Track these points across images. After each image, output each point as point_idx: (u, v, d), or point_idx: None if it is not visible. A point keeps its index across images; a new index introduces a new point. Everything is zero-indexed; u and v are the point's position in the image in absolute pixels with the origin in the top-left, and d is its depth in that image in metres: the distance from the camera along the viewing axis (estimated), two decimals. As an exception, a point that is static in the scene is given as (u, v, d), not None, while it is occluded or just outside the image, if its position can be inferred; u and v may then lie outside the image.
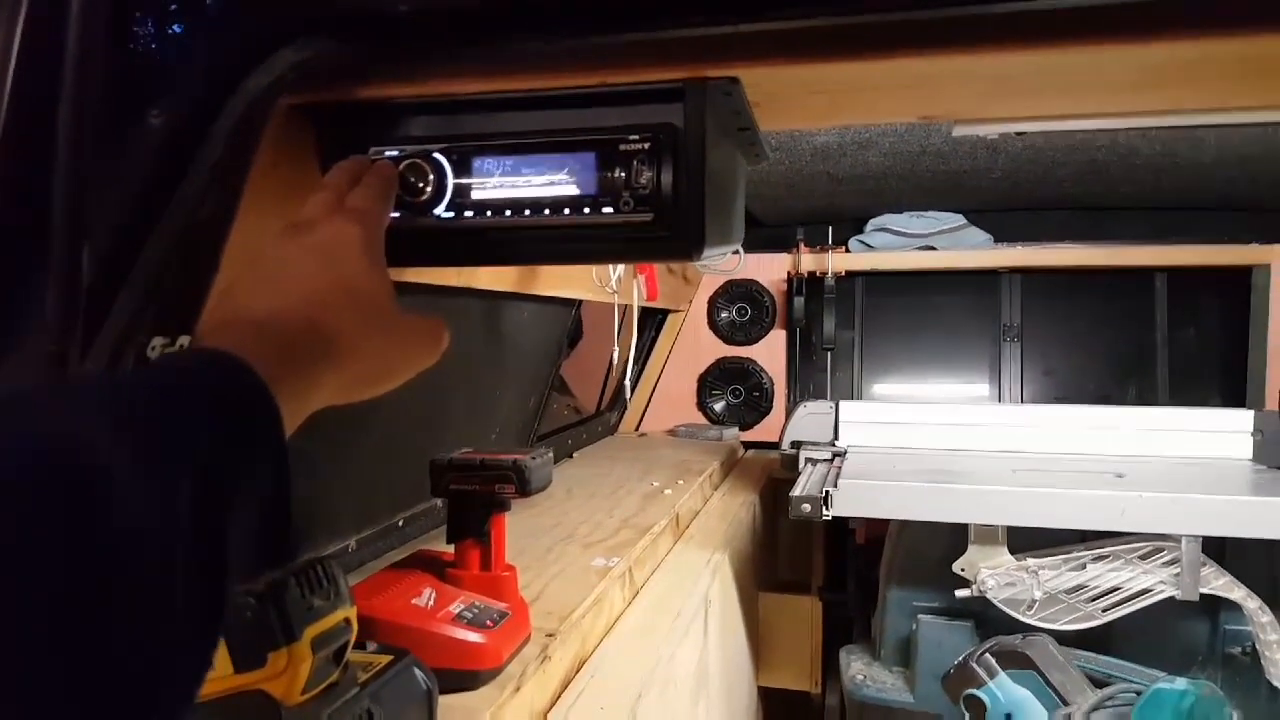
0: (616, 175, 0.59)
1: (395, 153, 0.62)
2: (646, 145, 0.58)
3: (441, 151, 0.61)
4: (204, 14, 0.56)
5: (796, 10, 0.51)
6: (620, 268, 1.66)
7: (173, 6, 0.56)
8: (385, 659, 0.67)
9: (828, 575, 2.19)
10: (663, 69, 0.57)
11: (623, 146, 0.58)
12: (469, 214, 0.61)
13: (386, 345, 0.52)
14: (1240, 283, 2.38)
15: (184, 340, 0.60)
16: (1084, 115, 0.69)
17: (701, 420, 2.65)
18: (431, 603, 0.84)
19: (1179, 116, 0.66)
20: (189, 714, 0.32)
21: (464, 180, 0.61)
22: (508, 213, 0.61)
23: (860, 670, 1.70)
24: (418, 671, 0.69)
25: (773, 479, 2.16)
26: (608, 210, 0.59)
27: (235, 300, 0.48)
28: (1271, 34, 0.50)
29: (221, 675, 0.53)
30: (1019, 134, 1.62)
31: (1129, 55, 0.54)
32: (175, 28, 0.56)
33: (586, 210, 0.59)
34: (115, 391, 0.36)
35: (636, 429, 2.67)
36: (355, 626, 0.60)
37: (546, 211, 0.60)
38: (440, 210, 0.62)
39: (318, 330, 0.47)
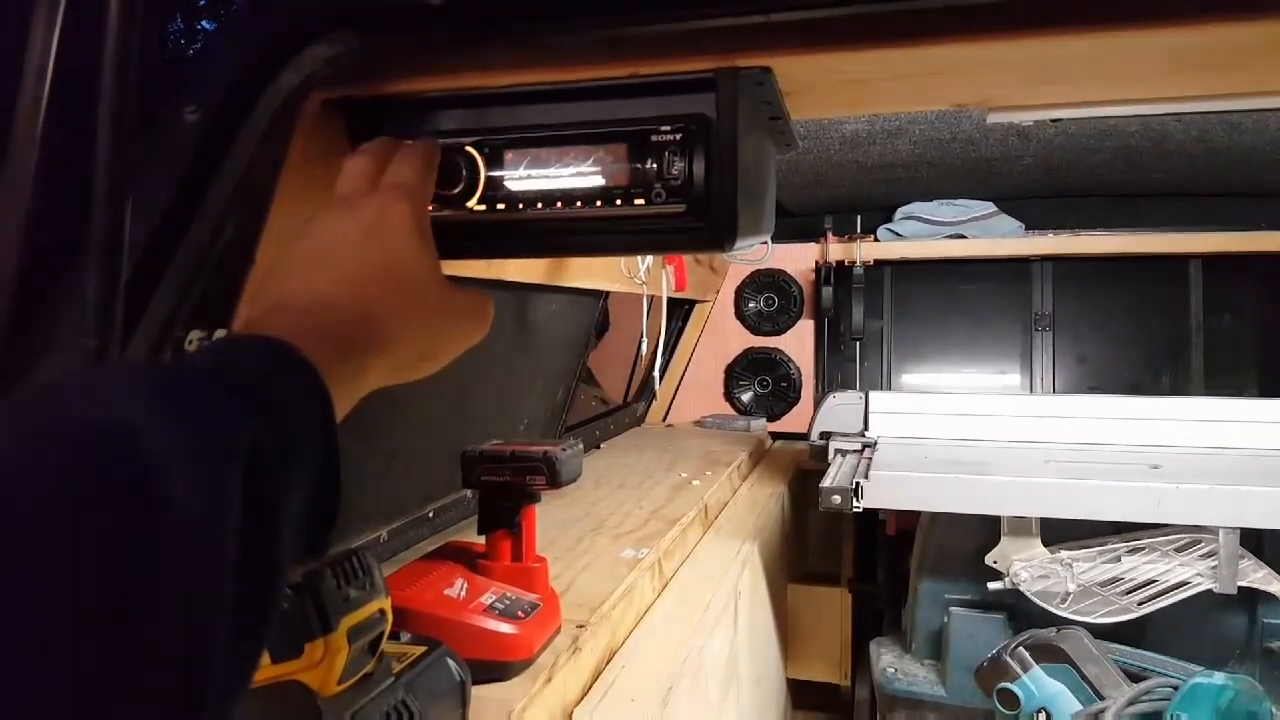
0: (648, 166, 0.58)
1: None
2: (678, 136, 0.58)
3: (474, 145, 0.61)
4: (237, 11, 0.57)
5: (830, -2, 0.51)
6: (649, 258, 1.66)
7: (207, 4, 0.57)
8: (419, 650, 0.68)
9: (858, 567, 2.18)
10: (694, 59, 0.57)
11: (654, 138, 0.58)
12: (501, 207, 0.61)
13: (436, 326, 0.51)
14: (1277, 270, 2.33)
15: (220, 334, 0.61)
16: (1122, 101, 0.68)
17: (729, 411, 2.64)
18: (463, 594, 0.85)
19: (1221, 101, 0.65)
20: (237, 709, 0.32)
21: (496, 173, 0.61)
22: (540, 205, 0.60)
23: (891, 663, 1.69)
24: (451, 662, 0.69)
25: (801, 470, 2.15)
26: (639, 201, 0.59)
27: (284, 283, 0.47)
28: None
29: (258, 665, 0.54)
30: (1053, 121, 1.60)
31: (1170, 39, 0.52)
32: (209, 25, 0.57)
33: (618, 202, 0.59)
34: (164, 378, 0.36)
35: (664, 420, 2.67)
36: (390, 617, 0.61)
37: (578, 203, 0.60)
38: (473, 203, 0.62)
39: (369, 316, 0.47)
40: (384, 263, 0.49)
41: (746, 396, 2.64)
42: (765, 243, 2.16)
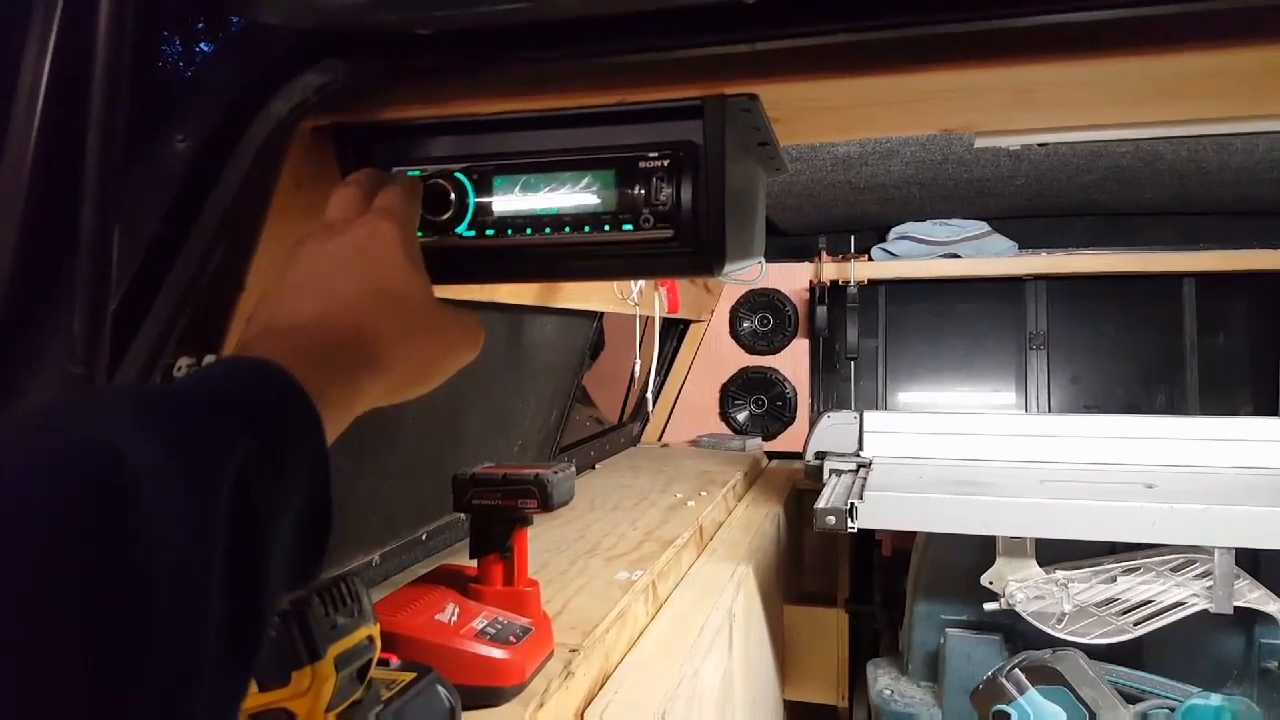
0: (636, 192, 0.59)
1: (417, 173, 0.62)
2: (666, 162, 0.58)
3: (463, 171, 0.61)
4: (227, 40, 0.57)
5: (814, 28, 0.51)
6: (641, 280, 1.66)
7: (197, 33, 0.57)
8: (408, 676, 0.67)
9: (854, 587, 2.17)
10: (681, 87, 0.57)
11: (642, 164, 0.58)
12: (490, 232, 0.61)
13: (428, 346, 0.51)
14: (1270, 288, 2.35)
15: (210, 359, 0.61)
16: (1106, 126, 0.68)
17: (724, 430, 2.64)
18: (454, 619, 0.84)
19: (1202, 126, 0.65)
20: None
21: (485, 199, 0.61)
22: (529, 231, 0.61)
23: (887, 684, 1.68)
24: (441, 689, 0.69)
25: (797, 489, 2.15)
26: (628, 227, 0.59)
27: (275, 307, 0.47)
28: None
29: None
30: (1040, 145, 1.61)
31: (1150, 67, 0.53)
32: (199, 54, 0.57)
33: (607, 227, 0.59)
34: (152, 402, 0.35)
35: (659, 439, 2.67)
36: (379, 644, 0.60)
37: (567, 229, 0.60)
38: (462, 229, 0.62)
39: (361, 337, 0.47)
40: (374, 283, 0.49)
41: (742, 416, 2.64)
42: (759, 263, 2.16)
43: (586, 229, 0.60)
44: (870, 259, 2.50)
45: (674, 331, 2.59)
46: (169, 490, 0.30)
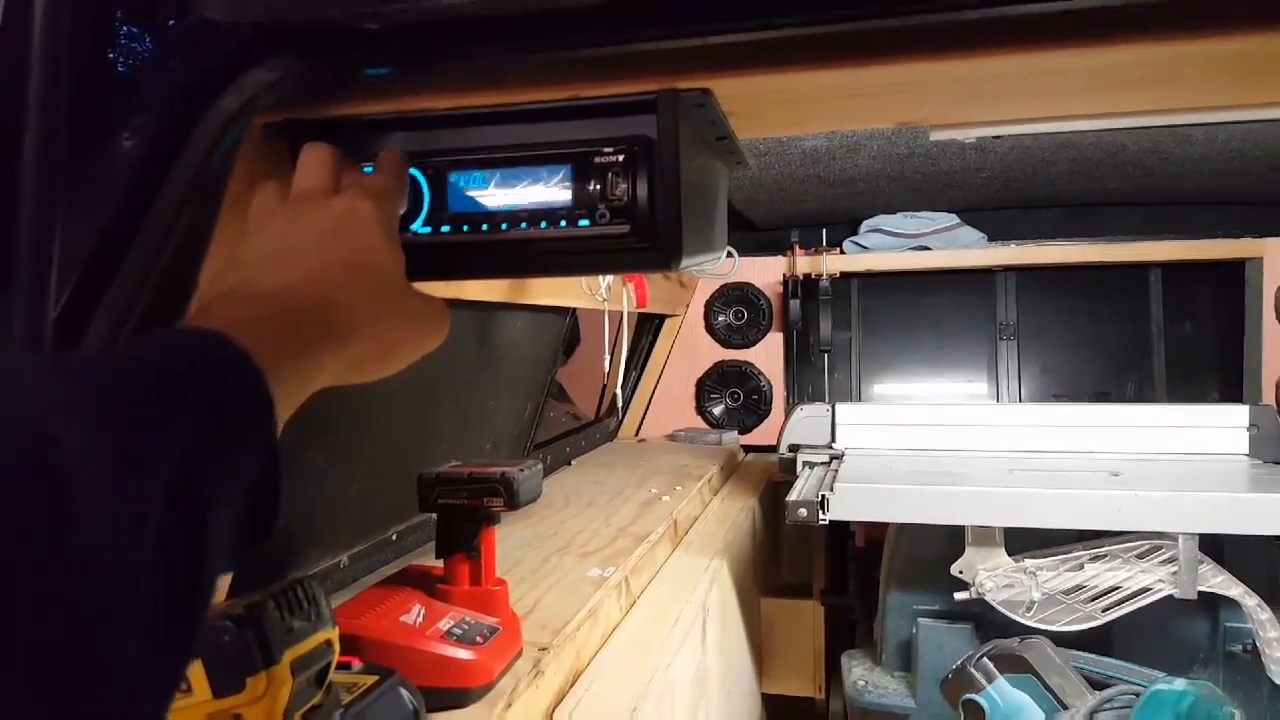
0: (592, 188, 0.58)
1: (370, 169, 0.61)
2: (621, 157, 0.58)
3: (417, 167, 0.61)
4: (174, 36, 0.56)
5: (765, 21, 0.51)
6: (609, 276, 1.66)
7: (143, 29, 0.56)
8: (370, 679, 0.67)
9: (829, 579, 2.19)
10: (635, 81, 0.57)
11: (597, 159, 0.58)
12: (446, 229, 0.61)
13: (394, 327, 0.51)
14: (1234, 277, 2.37)
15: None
16: (1062, 117, 0.69)
17: (701, 424, 2.64)
18: (420, 620, 0.84)
19: (1157, 116, 0.66)
20: None
21: (440, 195, 0.61)
22: (484, 227, 0.60)
23: (862, 675, 1.69)
24: (404, 691, 0.68)
25: (772, 482, 2.15)
26: (584, 223, 0.59)
27: (243, 270, 0.47)
28: (1243, 34, 0.50)
29: (200, 700, 0.53)
30: (996, 138, 1.62)
31: (1101, 58, 0.54)
32: (146, 50, 0.56)
33: (563, 223, 0.59)
34: (92, 376, 0.34)
35: (636, 434, 2.66)
36: (337, 648, 0.60)
37: (524, 225, 0.60)
38: (417, 226, 0.61)
39: (326, 307, 0.46)
40: (347, 256, 0.49)
41: (718, 410, 2.65)
42: (731, 255, 2.17)
43: (543, 225, 0.59)
44: (842, 252, 2.51)
45: (649, 327, 2.58)
46: (99, 476, 0.29)
